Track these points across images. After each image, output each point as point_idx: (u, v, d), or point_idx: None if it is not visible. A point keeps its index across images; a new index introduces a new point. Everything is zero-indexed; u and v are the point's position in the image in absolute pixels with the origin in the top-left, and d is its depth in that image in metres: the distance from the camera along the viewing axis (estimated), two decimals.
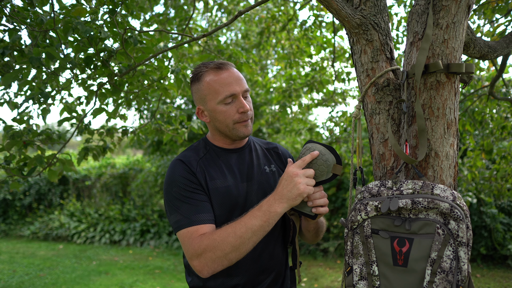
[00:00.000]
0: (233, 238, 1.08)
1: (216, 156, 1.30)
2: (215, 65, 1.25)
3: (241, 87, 1.23)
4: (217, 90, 1.22)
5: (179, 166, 1.23)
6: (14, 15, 1.66)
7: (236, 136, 1.26)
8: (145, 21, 3.16)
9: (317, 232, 1.35)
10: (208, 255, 1.09)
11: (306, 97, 5.31)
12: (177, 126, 2.72)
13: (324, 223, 1.39)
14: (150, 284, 4.86)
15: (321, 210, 1.15)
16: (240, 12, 1.61)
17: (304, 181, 1.08)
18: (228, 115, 1.23)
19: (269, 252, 1.29)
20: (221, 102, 1.22)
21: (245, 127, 1.25)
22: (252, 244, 1.09)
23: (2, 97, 2.03)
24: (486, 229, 5.18)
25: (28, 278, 5.10)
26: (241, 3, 4.82)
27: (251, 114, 1.26)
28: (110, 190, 8.55)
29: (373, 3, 1.17)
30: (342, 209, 6.22)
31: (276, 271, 1.31)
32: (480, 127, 3.61)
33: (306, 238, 1.38)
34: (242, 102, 1.23)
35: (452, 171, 1.08)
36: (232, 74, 1.24)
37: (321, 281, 4.86)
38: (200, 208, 1.17)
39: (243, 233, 1.08)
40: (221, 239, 1.08)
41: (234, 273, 1.23)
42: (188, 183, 1.20)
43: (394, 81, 1.16)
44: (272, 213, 1.08)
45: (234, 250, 1.08)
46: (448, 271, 0.91)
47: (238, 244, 1.08)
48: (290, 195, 1.08)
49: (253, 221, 1.08)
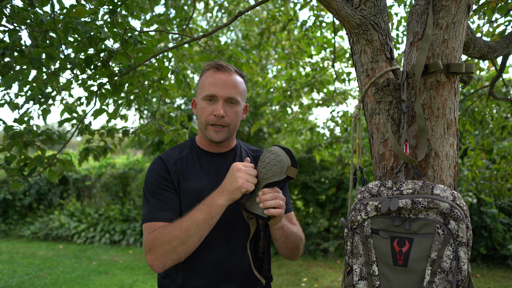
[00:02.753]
0: (179, 231, 1.11)
1: (197, 158, 1.33)
2: (216, 65, 1.28)
3: (225, 92, 1.24)
4: (204, 87, 1.27)
5: (157, 164, 1.29)
6: (14, 15, 1.66)
7: (207, 137, 1.28)
8: (145, 21, 3.16)
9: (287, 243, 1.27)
10: (158, 249, 1.13)
11: (307, 97, 5.31)
12: (177, 126, 2.72)
13: (297, 235, 1.31)
14: (150, 284, 4.86)
15: (272, 212, 1.12)
16: (240, 12, 1.61)
17: (245, 177, 1.10)
18: (204, 113, 1.26)
19: (235, 260, 1.27)
20: (203, 99, 1.27)
21: (215, 132, 1.26)
22: (198, 237, 1.12)
23: (3, 98, 2.03)
24: (486, 229, 5.18)
25: (28, 278, 5.10)
26: (241, 4, 4.82)
27: (227, 121, 1.26)
28: (110, 190, 8.55)
29: (373, 3, 1.17)
30: (342, 209, 6.22)
31: (241, 281, 1.28)
32: (480, 127, 3.61)
33: (279, 250, 1.31)
34: (218, 106, 1.24)
35: (452, 171, 1.08)
36: (226, 78, 1.26)
37: (321, 281, 4.86)
38: (165, 206, 1.22)
39: (188, 226, 1.11)
40: (168, 233, 1.12)
41: (194, 275, 1.24)
42: (161, 180, 1.25)
43: (394, 81, 1.16)
44: (214, 206, 1.11)
45: (181, 243, 1.11)
46: (448, 271, 0.91)
47: (185, 237, 1.11)
48: (230, 188, 1.10)
49: (197, 214, 1.12)
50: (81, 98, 2.22)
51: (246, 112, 1.40)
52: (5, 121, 1.87)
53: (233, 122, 1.28)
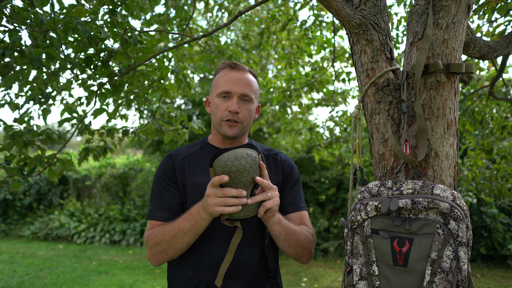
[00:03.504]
0: (169, 236, 1.17)
1: (207, 154, 1.35)
2: (231, 64, 1.33)
3: (240, 89, 1.27)
4: (219, 84, 1.30)
5: (165, 161, 1.34)
6: (14, 15, 1.66)
7: (221, 133, 1.30)
8: (145, 21, 3.16)
9: (289, 241, 1.21)
10: (151, 248, 1.21)
11: (307, 97, 5.31)
12: (177, 126, 2.72)
13: (302, 233, 1.25)
14: (150, 284, 4.86)
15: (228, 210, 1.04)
16: (240, 12, 1.61)
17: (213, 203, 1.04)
18: (219, 109, 1.29)
19: (242, 257, 1.25)
20: (218, 95, 1.29)
21: (229, 127, 1.28)
22: (186, 243, 1.16)
23: (3, 98, 2.03)
24: (486, 229, 5.18)
25: (28, 278, 5.10)
26: (242, 4, 4.82)
27: (241, 118, 1.28)
28: (110, 190, 8.55)
29: (373, 3, 1.17)
30: (342, 209, 6.22)
31: (247, 279, 1.26)
32: (480, 127, 3.61)
33: (283, 249, 1.25)
34: (233, 102, 1.27)
35: (452, 171, 1.08)
36: (241, 76, 1.29)
37: (321, 281, 4.86)
38: (163, 206, 1.27)
39: (176, 233, 1.15)
40: (161, 236, 1.18)
41: (202, 269, 1.25)
42: (164, 178, 1.30)
43: (394, 81, 1.16)
44: (199, 218, 1.12)
45: (170, 247, 1.17)
46: (448, 271, 0.91)
47: (173, 242, 1.16)
48: (207, 211, 1.08)
49: (184, 223, 1.14)
50: (81, 98, 2.22)
51: (258, 112, 1.42)
52: (5, 121, 1.87)
53: (247, 119, 1.31)
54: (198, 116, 7.44)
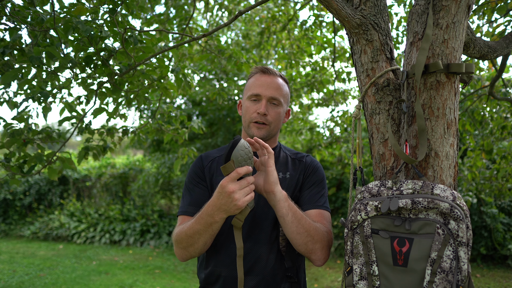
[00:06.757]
0: (185, 237, 1.20)
1: None
2: (262, 68, 1.39)
3: (269, 92, 1.33)
4: (250, 88, 1.37)
5: (196, 162, 1.42)
6: (15, 14, 1.66)
7: (250, 135, 1.35)
8: (145, 20, 3.16)
9: (297, 226, 1.14)
10: (176, 245, 1.26)
11: (307, 97, 5.31)
12: (177, 126, 2.72)
13: (312, 224, 1.18)
14: (150, 284, 4.86)
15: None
16: (240, 12, 1.61)
17: (241, 196, 1.05)
18: (248, 111, 1.35)
19: (257, 255, 1.26)
20: (248, 98, 1.36)
21: (258, 129, 1.33)
22: (202, 243, 1.19)
23: (1, 96, 2.03)
24: (486, 229, 5.18)
25: (28, 278, 5.10)
26: (242, 3, 4.82)
27: (269, 120, 1.33)
28: (110, 190, 8.55)
29: (373, 3, 1.17)
30: (342, 209, 6.22)
31: (262, 278, 1.25)
32: (480, 127, 3.61)
33: (291, 237, 1.17)
34: (262, 104, 1.32)
35: (452, 171, 1.08)
36: (271, 80, 1.35)
37: (321, 281, 4.86)
38: (193, 201, 1.33)
39: (192, 234, 1.18)
40: (182, 234, 1.21)
41: (221, 265, 1.29)
42: (194, 176, 1.37)
43: (394, 81, 1.16)
44: (212, 221, 1.12)
45: (189, 246, 1.21)
46: (448, 271, 0.91)
47: (191, 242, 1.20)
48: (229, 209, 1.07)
49: (197, 226, 1.16)
50: (81, 97, 2.21)
51: (288, 116, 1.46)
52: (5, 119, 1.87)
53: (275, 121, 1.35)
54: (198, 115, 7.44)
